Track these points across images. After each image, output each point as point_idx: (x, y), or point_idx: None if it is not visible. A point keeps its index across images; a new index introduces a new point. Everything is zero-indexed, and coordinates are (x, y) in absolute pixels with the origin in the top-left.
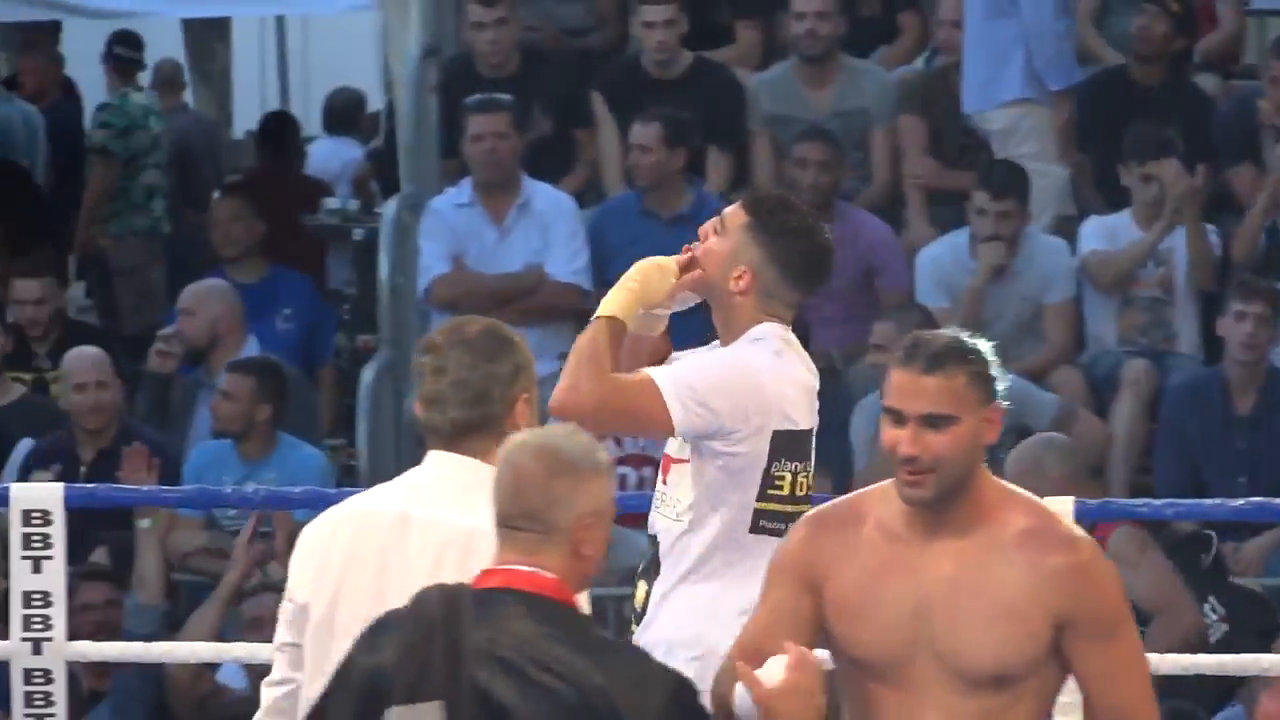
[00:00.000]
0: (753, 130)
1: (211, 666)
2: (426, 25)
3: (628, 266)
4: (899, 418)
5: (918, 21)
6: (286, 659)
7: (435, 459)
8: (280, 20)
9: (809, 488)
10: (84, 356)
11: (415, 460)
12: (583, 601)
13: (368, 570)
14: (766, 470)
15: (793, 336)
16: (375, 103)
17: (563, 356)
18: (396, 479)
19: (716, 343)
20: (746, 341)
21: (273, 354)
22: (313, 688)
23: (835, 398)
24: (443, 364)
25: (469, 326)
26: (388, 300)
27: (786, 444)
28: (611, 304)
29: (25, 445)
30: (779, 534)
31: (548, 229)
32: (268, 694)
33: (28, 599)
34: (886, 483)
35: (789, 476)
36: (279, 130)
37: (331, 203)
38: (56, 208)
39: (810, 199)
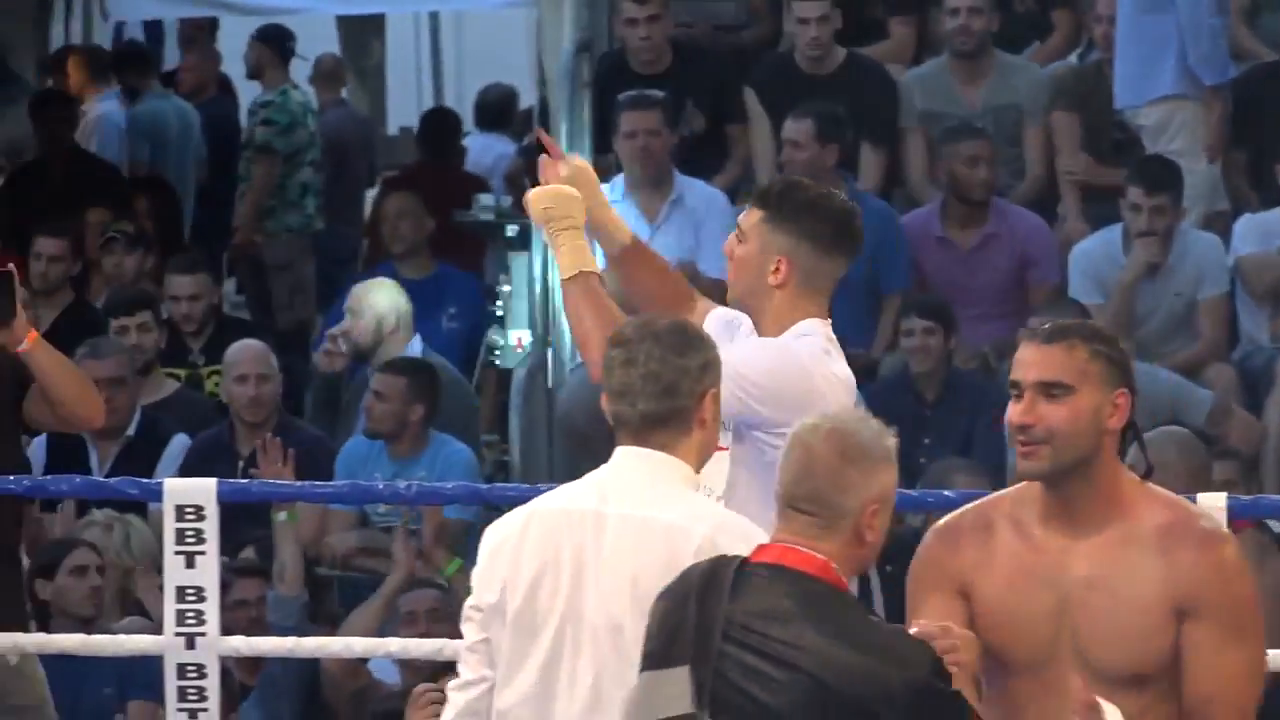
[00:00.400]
0: (905, 126)
1: (364, 660)
2: (579, 21)
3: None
4: (1018, 389)
5: (1071, 17)
6: (478, 658)
7: (624, 455)
8: (434, 16)
9: None
10: (246, 349)
11: (567, 456)
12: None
13: (564, 569)
14: None
15: (832, 334)
16: (528, 99)
17: None
18: (586, 477)
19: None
20: (793, 336)
21: (436, 352)
22: (508, 687)
23: (987, 394)
24: (633, 356)
25: (658, 320)
26: (539, 297)
27: None
28: (565, 265)
29: (181, 441)
30: None
31: (700, 225)
32: (459, 697)
33: (181, 594)
34: (1020, 485)
35: None
36: (439, 127)
37: (484, 199)
38: (210, 204)
39: (964, 196)
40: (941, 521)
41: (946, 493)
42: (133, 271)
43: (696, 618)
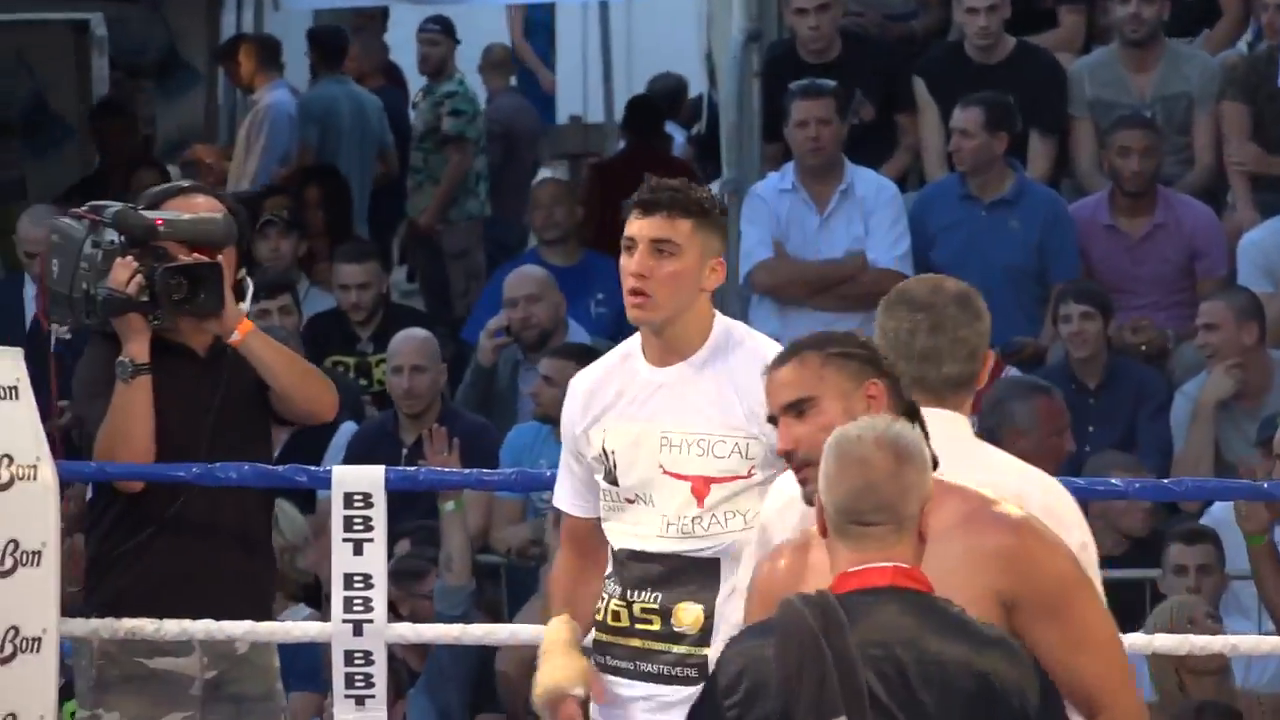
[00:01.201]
0: (1074, 115)
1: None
2: (749, 11)
3: (949, 251)
4: (774, 422)
5: (1239, 4)
6: None
7: (938, 419)
8: (603, 6)
9: None
10: (406, 340)
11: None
12: None
13: None
14: None
15: None
16: (697, 88)
17: None
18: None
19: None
20: (747, 339)
21: (586, 339)
22: None
23: (1152, 382)
24: (940, 321)
25: (950, 284)
26: None
27: None
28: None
29: (348, 429)
30: None
31: (870, 214)
32: None
33: (349, 581)
34: None
35: None
36: (645, 114)
37: None
38: (379, 192)
39: (1131, 186)
40: (786, 539)
41: (1114, 481)
42: (288, 256)
43: (835, 658)
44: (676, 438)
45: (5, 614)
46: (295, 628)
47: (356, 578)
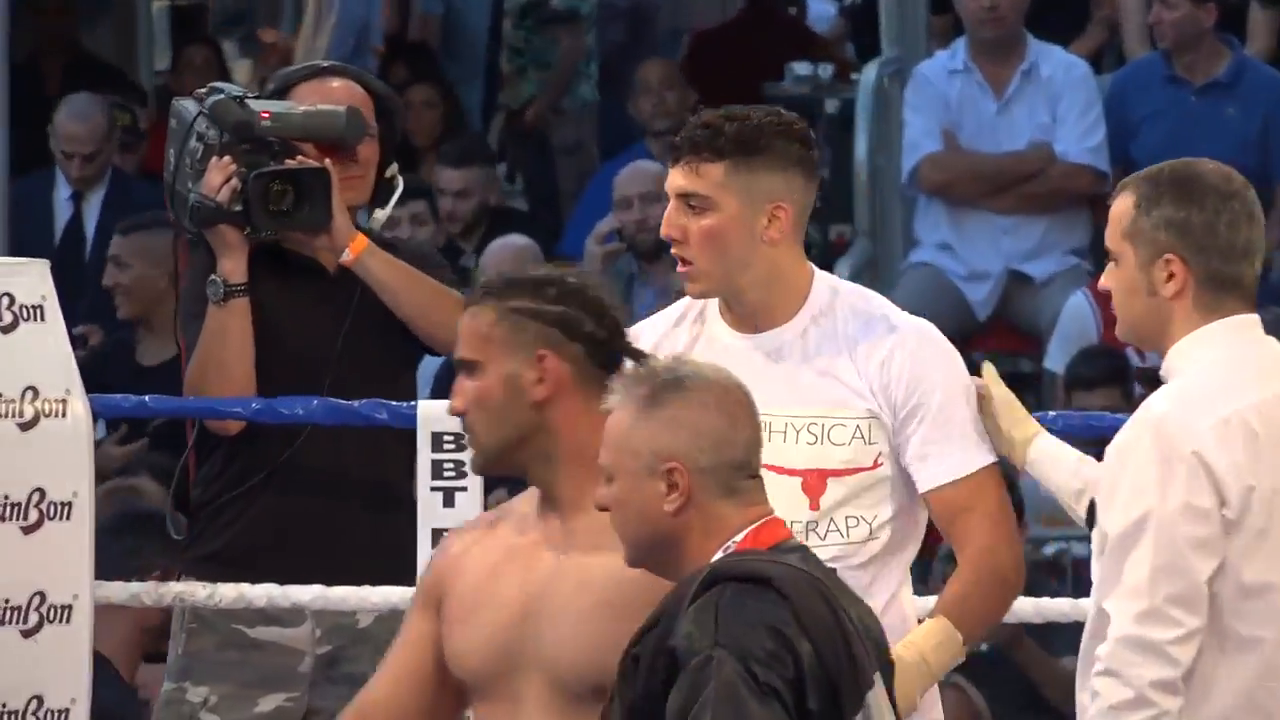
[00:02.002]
0: None
1: None
2: None
3: (1152, 143)
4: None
5: None
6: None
7: (1248, 328)
8: None
9: None
10: (504, 248)
11: None
12: None
13: None
14: None
15: None
16: None
17: (1074, 253)
18: (1229, 356)
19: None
20: (858, 299)
21: None
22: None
23: None
24: (1251, 210)
25: (1230, 169)
26: (865, 184)
27: None
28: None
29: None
30: None
31: (1056, 100)
32: (1176, 652)
33: (437, 538)
34: None
35: None
36: None
37: (799, 68)
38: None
39: None
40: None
41: None
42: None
43: (851, 624)
44: (779, 422)
45: (30, 577)
46: (373, 593)
47: (446, 532)
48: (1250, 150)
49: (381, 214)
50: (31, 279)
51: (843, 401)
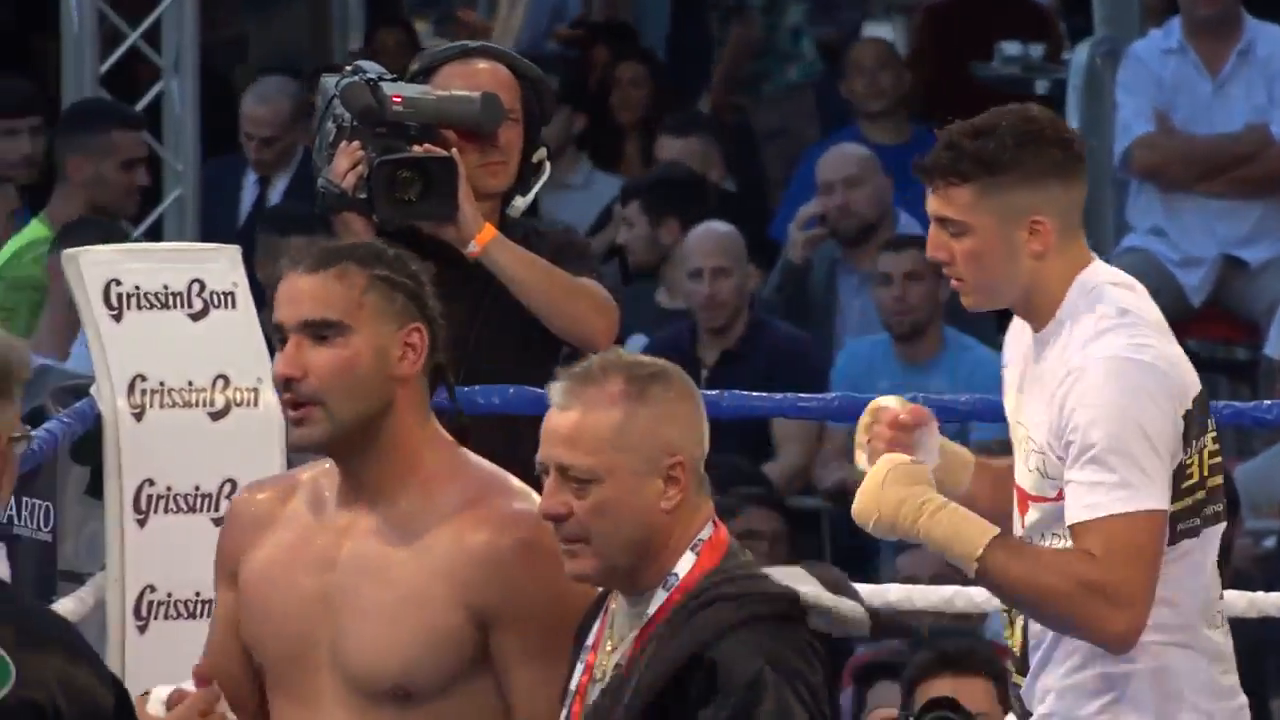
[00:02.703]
0: None
1: None
2: None
3: None
4: (281, 332)
5: None
6: None
7: None
8: None
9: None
10: (706, 237)
11: None
12: None
13: None
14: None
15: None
16: None
17: None
18: None
19: None
20: (1089, 303)
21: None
22: None
23: None
24: None
25: None
26: None
27: (1194, 419)
28: (965, 552)
29: (637, 343)
30: (1197, 532)
31: (1274, 80)
32: None
33: None
34: None
35: (1196, 459)
36: None
37: (1009, 48)
38: (680, 75)
39: None
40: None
41: None
42: (554, 138)
43: None
44: (1021, 431)
45: None
46: None
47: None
48: None
49: (522, 201)
50: (222, 265)
51: (1044, 425)
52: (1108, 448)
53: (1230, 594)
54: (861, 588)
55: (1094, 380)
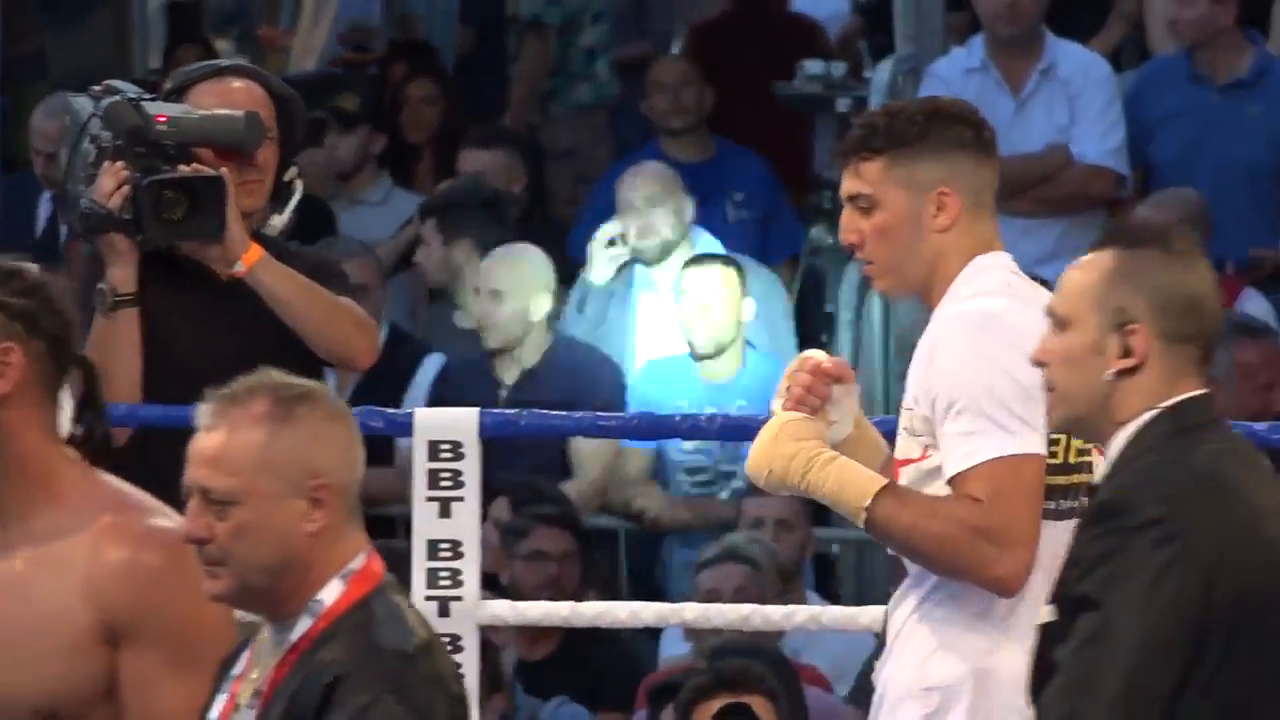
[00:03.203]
0: None
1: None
2: None
3: (1173, 145)
4: None
5: None
6: None
7: None
8: None
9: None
10: (506, 264)
11: (903, 374)
12: None
13: None
14: None
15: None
16: None
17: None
18: None
19: None
20: (977, 278)
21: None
22: None
23: None
24: None
25: None
26: None
27: None
28: (852, 502)
29: (434, 361)
30: (1062, 515)
31: (1075, 99)
32: None
33: (433, 549)
34: None
35: (1064, 439)
36: None
37: (812, 66)
38: (475, 93)
39: None
40: None
41: None
42: (353, 155)
43: None
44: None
45: None
46: None
47: (443, 545)
48: (1273, 151)
49: (279, 220)
50: None
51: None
52: (980, 397)
53: None
54: (658, 607)
55: (961, 335)
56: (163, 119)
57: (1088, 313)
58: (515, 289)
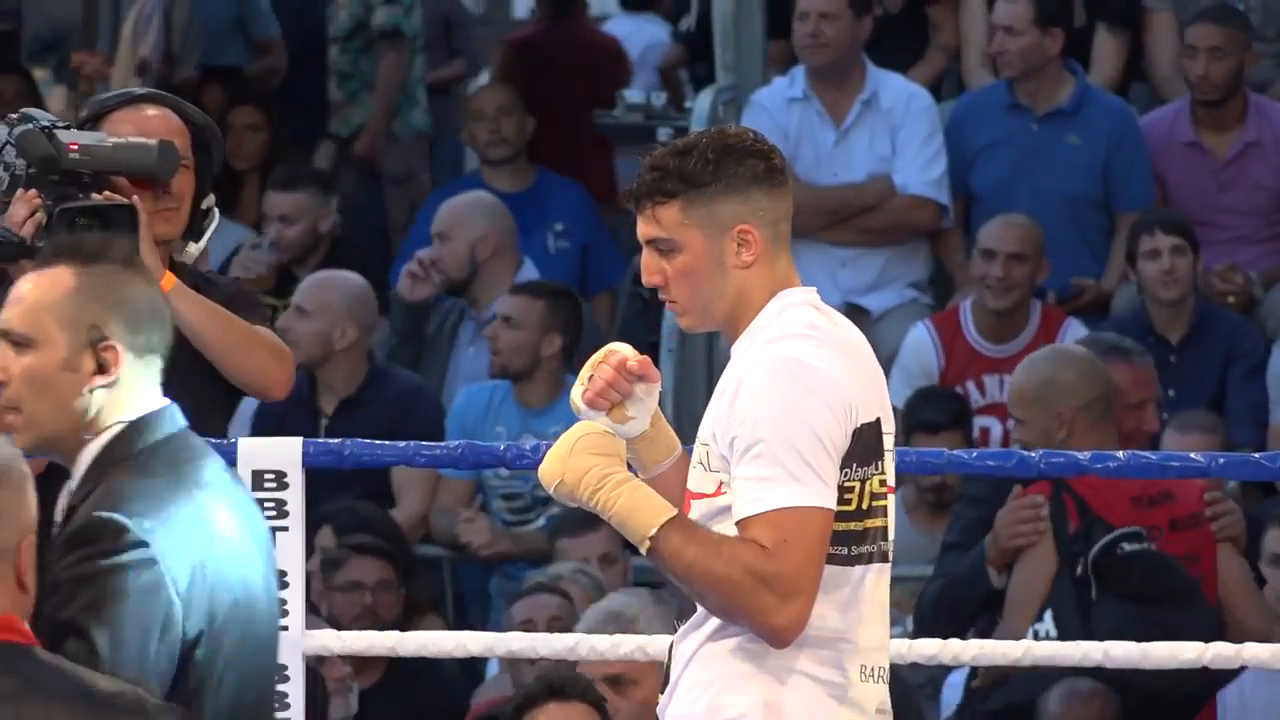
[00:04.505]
0: (1150, 7)
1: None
2: None
3: (994, 174)
4: None
5: None
6: None
7: None
8: None
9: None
10: (318, 284)
11: None
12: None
13: None
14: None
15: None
16: None
17: (913, 286)
18: None
19: None
20: (780, 316)
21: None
22: None
23: (1245, 335)
24: None
25: None
26: None
27: (862, 444)
28: (637, 530)
29: None
30: (850, 561)
31: (896, 130)
32: None
33: None
34: None
35: (858, 486)
36: None
37: (632, 96)
38: (302, 108)
39: (1200, 93)
40: None
41: (1194, 456)
42: None
43: None
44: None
45: None
46: None
47: None
48: (1093, 179)
49: (195, 248)
50: None
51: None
52: (776, 444)
53: None
54: (483, 637)
55: (765, 379)
56: (75, 147)
57: (57, 330)
58: (320, 310)
